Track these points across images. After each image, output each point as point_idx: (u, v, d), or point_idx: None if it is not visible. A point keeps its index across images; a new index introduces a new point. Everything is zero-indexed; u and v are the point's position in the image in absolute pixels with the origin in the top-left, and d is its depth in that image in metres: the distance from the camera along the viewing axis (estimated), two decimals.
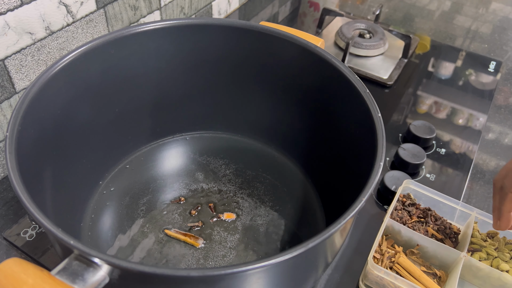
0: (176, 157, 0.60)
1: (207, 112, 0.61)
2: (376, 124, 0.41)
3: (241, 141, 0.63)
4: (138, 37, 0.50)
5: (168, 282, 0.31)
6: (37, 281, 0.28)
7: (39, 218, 0.31)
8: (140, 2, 0.67)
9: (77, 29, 0.59)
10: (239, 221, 0.53)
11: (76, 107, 0.47)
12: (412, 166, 0.61)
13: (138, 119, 0.57)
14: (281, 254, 0.30)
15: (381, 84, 0.78)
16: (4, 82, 0.52)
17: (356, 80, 0.46)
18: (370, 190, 0.35)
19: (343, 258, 0.51)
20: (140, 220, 0.52)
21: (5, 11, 0.49)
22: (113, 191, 0.55)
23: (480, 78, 0.83)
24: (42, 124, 0.42)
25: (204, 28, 0.52)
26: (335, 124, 0.52)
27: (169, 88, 0.57)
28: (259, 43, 0.53)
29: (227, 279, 0.31)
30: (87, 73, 0.47)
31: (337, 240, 0.40)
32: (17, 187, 0.33)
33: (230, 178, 0.58)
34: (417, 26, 0.97)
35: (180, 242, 0.50)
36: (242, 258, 0.50)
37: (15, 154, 0.35)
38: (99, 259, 0.29)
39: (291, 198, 0.56)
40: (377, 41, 0.83)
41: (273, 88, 0.57)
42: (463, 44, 0.93)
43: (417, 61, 0.86)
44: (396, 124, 0.71)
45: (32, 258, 0.49)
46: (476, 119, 0.74)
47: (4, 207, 0.54)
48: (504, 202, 0.44)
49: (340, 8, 1.03)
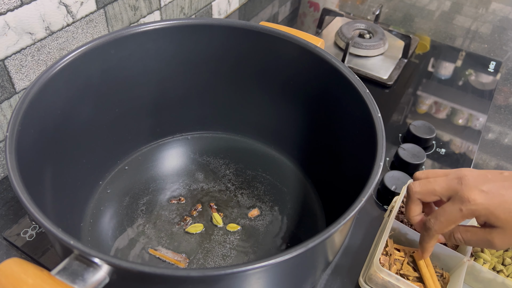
0: (176, 157, 0.60)
1: (207, 112, 0.61)
2: (376, 124, 0.41)
3: (241, 141, 0.63)
4: (138, 37, 0.50)
5: (168, 282, 0.31)
6: (37, 281, 0.28)
7: (39, 218, 0.31)
8: (140, 2, 0.67)
9: (77, 29, 0.59)
10: (239, 221, 0.53)
11: (76, 107, 0.47)
12: (412, 166, 0.61)
13: (138, 120, 0.57)
14: (281, 254, 0.30)
15: (381, 84, 0.78)
16: (4, 82, 0.52)
17: (356, 80, 0.46)
18: (370, 190, 0.35)
19: (343, 258, 0.51)
20: (140, 220, 0.52)
21: (5, 11, 0.49)
22: (113, 191, 0.55)
23: (480, 78, 0.83)
24: (42, 124, 0.42)
25: (204, 28, 0.52)
26: (335, 124, 0.52)
27: (169, 88, 0.57)
28: (259, 43, 0.53)
29: (227, 279, 0.31)
30: (87, 73, 0.47)
31: (337, 240, 0.40)
32: (17, 187, 0.33)
33: (230, 178, 0.58)
34: (417, 26, 0.97)
35: (181, 242, 0.51)
36: (242, 258, 0.50)
37: (15, 154, 0.36)
38: (99, 259, 0.29)
39: (291, 198, 0.56)
40: (377, 41, 0.83)
41: (273, 89, 0.57)
42: (463, 44, 0.93)
43: (417, 61, 0.86)
44: (396, 124, 0.71)
45: (32, 258, 0.49)
46: (476, 119, 0.74)
47: (4, 207, 0.54)
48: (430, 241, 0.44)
49: (340, 8, 1.03)
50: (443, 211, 0.42)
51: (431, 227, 0.43)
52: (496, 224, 0.40)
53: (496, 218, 0.40)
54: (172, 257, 0.49)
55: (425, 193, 0.43)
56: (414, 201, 0.44)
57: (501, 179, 0.41)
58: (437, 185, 0.43)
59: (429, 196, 0.43)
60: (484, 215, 0.40)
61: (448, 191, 0.42)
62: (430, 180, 0.43)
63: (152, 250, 0.49)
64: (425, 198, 0.43)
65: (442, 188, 0.42)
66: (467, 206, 0.40)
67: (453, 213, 0.41)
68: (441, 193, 0.42)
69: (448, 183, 0.42)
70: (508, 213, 0.39)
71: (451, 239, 0.44)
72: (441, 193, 0.42)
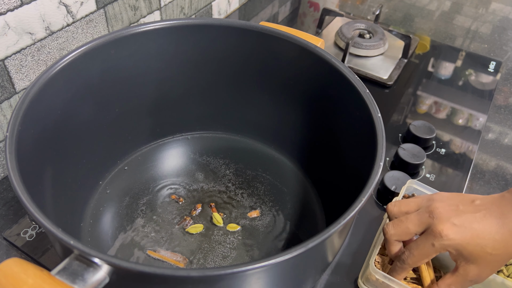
0: (176, 157, 0.60)
1: (207, 112, 0.61)
2: (376, 124, 0.41)
3: (241, 142, 0.63)
4: (138, 37, 0.50)
5: (168, 282, 0.31)
6: (37, 281, 0.28)
7: (39, 218, 0.31)
8: (140, 2, 0.67)
9: (77, 29, 0.59)
10: (239, 221, 0.53)
11: (76, 107, 0.47)
12: (412, 166, 0.61)
13: (138, 120, 0.57)
14: (281, 254, 0.30)
15: (381, 84, 0.78)
16: (4, 82, 0.52)
17: (356, 80, 0.46)
18: (370, 190, 0.35)
19: (343, 258, 0.51)
20: (140, 220, 0.52)
21: (5, 11, 0.49)
22: (113, 191, 0.55)
23: (480, 78, 0.83)
24: (42, 124, 0.42)
25: (204, 28, 0.52)
26: (335, 124, 0.52)
27: (169, 88, 0.57)
28: (259, 43, 0.53)
29: (227, 279, 0.31)
30: (87, 73, 0.47)
31: (337, 240, 0.40)
32: (17, 187, 0.33)
33: (230, 178, 0.58)
34: (417, 26, 0.97)
35: (181, 242, 0.51)
36: (242, 258, 0.50)
37: (15, 154, 0.36)
38: (99, 259, 0.29)
39: (291, 198, 0.56)
40: (377, 41, 0.83)
41: (273, 89, 0.57)
42: (463, 44, 0.93)
43: (417, 61, 0.86)
44: (396, 124, 0.71)
45: (32, 258, 0.49)
46: (476, 119, 0.74)
47: (4, 207, 0.54)
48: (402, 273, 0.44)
49: (340, 8, 1.03)
50: (416, 245, 0.42)
51: (405, 260, 0.43)
52: (469, 259, 0.41)
53: (469, 253, 0.40)
54: (171, 257, 0.49)
55: (400, 233, 0.44)
56: (392, 243, 0.45)
57: (472, 210, 0.41)
58: (409, 223, 0.43)
59: (405, 236, 0.44)
60: (457, 250, 0.41)
61: (420, 226, 0.42)
62: (402, 219, 0.44)
63: (151, 251, 0.49)
64: (402, 238, 0.44)
65: (414, 225, 0.43)
66: (439, 241, 0.40)
67: (425, 247, 0.42)
68: (416, 230, 0.43)
69: (420, 219, 0.42)
70: (480, 248, 0.40)
71: None
72: (415, 230, 0.43)
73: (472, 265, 0.41)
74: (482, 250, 0.40)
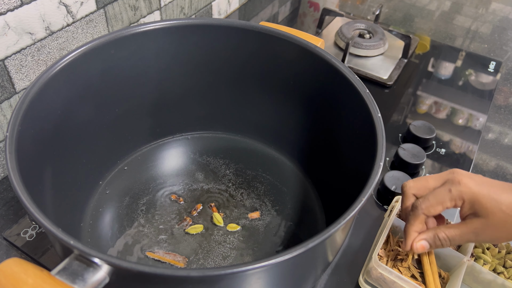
0: (176, 157, 0.60)
1: (207, 112, 0.61)
2: (376, 124, 0.41)
3: (241, 141, 0.63)
4: (138, 37, 0.50)
5: (168, 282, 0.31)
6: (37, 281, 0.28)
7: (39, 218, 0.31)
8: (140, 2, 0.67)
9: (77, 29, 0.59)
10: (239, 221, 0.53)
11: (76, 107, 0.47)
12: (412, 166, 0.61)
13: (138, 120, 0.57)
14: (281, 254, 0.30)
15: (381, 84, 0.78)
16: (4, 82, 0.52)
17: (356, 80, 0.46)
18: (370, 190, 0.35)
19: (343, 258, 0.51)
20: (140, 220, 0.52)
21: (5, 11, 0.49)
22: (113, 191, 0.55)
23: (480, 78, 0.83)
24: (42, 124, 0.42)
25: (204, 28, 0.52)
26: (335, 124, 0.52)
27: (169, 88, 0.57)
28: (259, 43, 0.53)
29: (227, 279, 0.31)
30: (87, 73, 0.47)
31: (337, 240, 0.40)
32: (17, 187, 0.33)
33: (230, 178, 0.58)
34: (417, 26, 0.97)
35: (181, 242, 0.51)
36: (242, 258, 0.50)
37: (15, 154, 0.36)
38: (99, 259, 0.29)
39: (291, 198, 0.56)
40: (377, 41, 0.83)
41: (273, 89, 0.57)
42: (463, 44, 0.93)
43: (417, 61, 0.86)
44: (396, 124, 0.71)
45: (32, 258, 0.49)
46: (476, 119, 0.74)
47: (4, 207, 0.54)
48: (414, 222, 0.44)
49: (340, 8, 1.03)
50: (433, 192, 0.43)
51: (418, 205, 0.43)
52: (480, 212, 0.41)
53: (481, 206, 0.40)
54: (171, 257, 0.49)
55: (419, 187, 0.44)
56: (408, 196, 0.45)
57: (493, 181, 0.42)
58: (430, 179, 0.44)
59: (423, 190, 0.44)
60: (470, 201, 0.41)
61: (440, 181, 0.43)
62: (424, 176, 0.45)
63: (151, 252, 0.49)
64: (419, 192, 0.44)
65: (434, 180, 0.43)
66: (456, 187, 0.41)
67: (441, 193, 0.42)
68: (434, 185, 0.43)
69: (441, 175, 0.44)
70: (495, 203, 0.40)
71: (435, 241, 0.44)
72: (434, 184, 0.43)
73: (481, 219, 0.41)
74: (496, 205, 0.40)
